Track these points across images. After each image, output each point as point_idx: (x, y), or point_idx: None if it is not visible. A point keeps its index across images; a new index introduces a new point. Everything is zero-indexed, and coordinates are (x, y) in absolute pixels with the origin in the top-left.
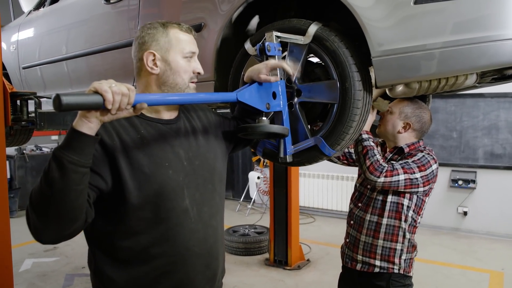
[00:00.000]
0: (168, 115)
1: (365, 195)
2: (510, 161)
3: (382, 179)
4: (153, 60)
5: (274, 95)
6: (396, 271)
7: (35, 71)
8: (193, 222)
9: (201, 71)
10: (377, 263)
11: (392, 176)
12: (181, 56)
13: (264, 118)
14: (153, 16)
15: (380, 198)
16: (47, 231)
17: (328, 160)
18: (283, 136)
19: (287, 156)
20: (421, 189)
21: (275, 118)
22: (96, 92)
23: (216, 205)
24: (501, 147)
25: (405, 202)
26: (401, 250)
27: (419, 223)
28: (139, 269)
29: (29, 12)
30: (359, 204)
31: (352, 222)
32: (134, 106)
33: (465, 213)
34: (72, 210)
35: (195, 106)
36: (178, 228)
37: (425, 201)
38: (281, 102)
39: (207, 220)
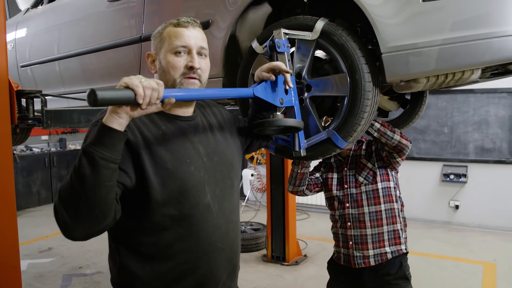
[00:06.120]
0: (186, 111)
1: (348, 195)
2: (500, 155)
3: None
4: (153, 61)
5: (286, 91)
6: (404, 250)
7: (34, 69)
8: (215, 217)
9: (195, 65)
10: (388, 249)
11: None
12: (170, 53)
13: (278, 113)
14: (158, 13)
15: (370, 188)
16: (78, 227)
17: (300, 195)
18: (298, 129)
19: (301, 150)
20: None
21: (288, 113)
22: (127, 87)
23: (235, 201)
24: (491, 142)
25: (391, 184)
26: (401, 229)
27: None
28: (163, 264)
29: (27, 10)
30: (347, 205)
31: (349, 223)
32: (162, 101)
33: (456, 207)
34: (103, 206)
35: (209, 103)
36: (202, 224)
37: (398, 179)
38: (293, 97)
39: (228, 215)
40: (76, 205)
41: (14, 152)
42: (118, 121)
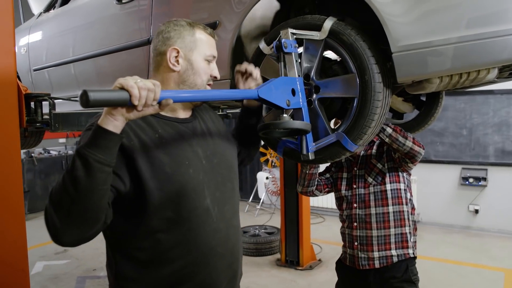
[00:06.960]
0: (183, 114)
1: (356, 195)
2: None
3: (423, 150)
4: (176, 57)
5: (293, 92)
6: (411, 255)
7: (46, 73)
8: (215, 221)
9: (218, 76)
10: (394, 252)
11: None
12: (203, 58)
13: (285, 115)
14: (166, 15)
15: (379, 189)
16: (69, 232)
17: (309, 195)
18: (305, 132)
19: (310, 153)
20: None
21: (295, 115)
22: (122, 88)
23: (236, 204)
24: None
25: (402, 186)
26: (410, 233)
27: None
28: (162, 270)
29: (39, 14)
30: (355, 205)
31: (355, 224)
32: (159, 103)
33: (476, 211)
34: (95, 210)
35: (207, 107)
36: (201, 229)
37: (410, 181)
38: (300, 99)
39: (229, 219)
40: (67, 208)
41: (32, 154)
42: (114, 123)
